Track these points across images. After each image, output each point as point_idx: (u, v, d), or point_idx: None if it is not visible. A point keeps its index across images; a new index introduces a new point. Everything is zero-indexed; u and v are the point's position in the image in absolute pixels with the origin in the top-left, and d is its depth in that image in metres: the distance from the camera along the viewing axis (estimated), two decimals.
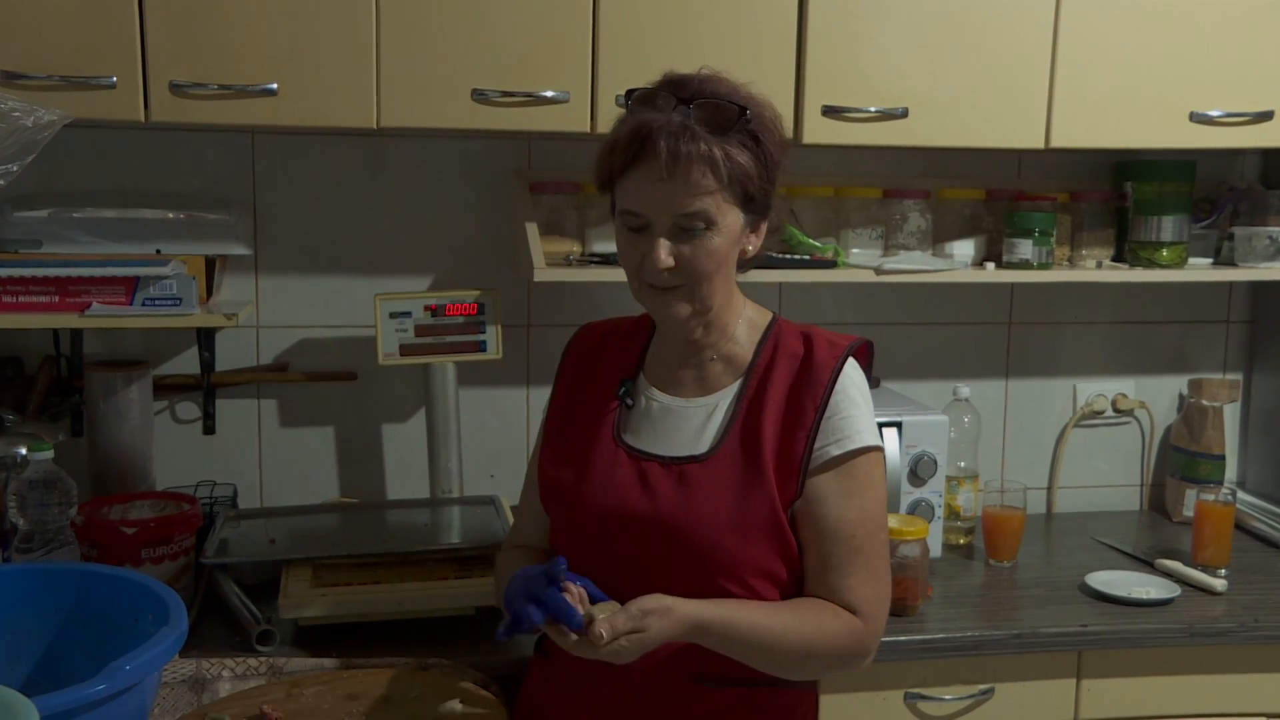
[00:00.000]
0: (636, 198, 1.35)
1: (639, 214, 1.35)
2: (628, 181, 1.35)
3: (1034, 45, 2.04)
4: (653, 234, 1.35)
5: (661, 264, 1.35)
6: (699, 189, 1.32)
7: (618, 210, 1.39)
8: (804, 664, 1.39)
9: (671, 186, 1.32)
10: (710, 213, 1.34)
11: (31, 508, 1.56)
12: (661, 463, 1.42)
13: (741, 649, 1.35)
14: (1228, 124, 2.11)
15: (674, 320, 1.41)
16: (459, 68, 1.86)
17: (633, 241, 1.38)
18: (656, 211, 1.34)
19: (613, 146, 1.36)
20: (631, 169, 1.34)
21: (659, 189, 1.33)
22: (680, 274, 1.36)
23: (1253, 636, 1.93)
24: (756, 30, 1.94)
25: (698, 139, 1.32)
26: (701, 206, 1.33)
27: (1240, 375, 2.60)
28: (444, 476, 2.16)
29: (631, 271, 1.40)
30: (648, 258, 1.36)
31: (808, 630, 1.36)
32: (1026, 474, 2.50)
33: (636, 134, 1.33)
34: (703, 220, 1.34)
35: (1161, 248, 2.29)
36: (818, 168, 2.29)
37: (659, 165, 1.31)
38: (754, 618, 1.34)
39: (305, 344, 2.24)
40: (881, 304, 2.43)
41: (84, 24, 1.76)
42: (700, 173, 1.32)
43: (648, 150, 1.32)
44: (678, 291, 1.38)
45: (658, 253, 1.34)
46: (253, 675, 1.62)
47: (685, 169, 1.31)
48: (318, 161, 2.19)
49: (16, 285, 1.84)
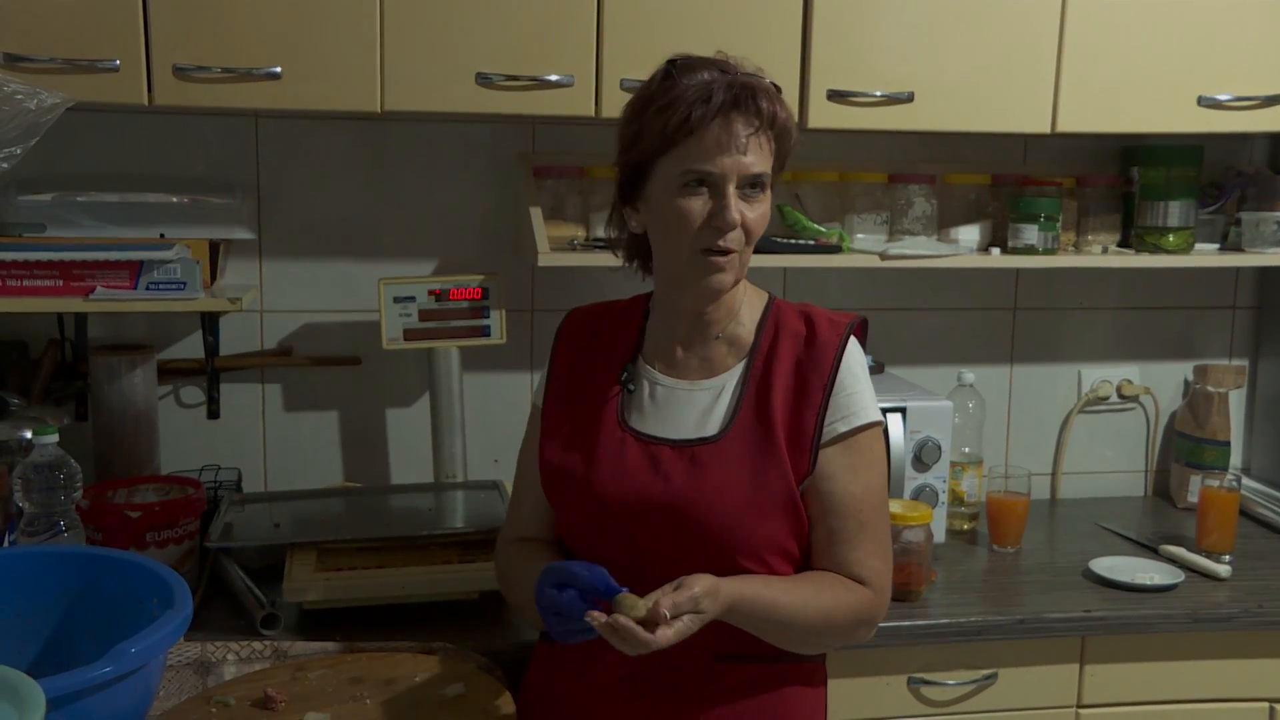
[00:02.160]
0: (715, 154, 1.33)
1: (712, 171, 1.33)
2: (704, 138, 1.32)
3: (1040, 29, 2.03)
4: (720, 192, 1.34)
5: (736, 222, 1.34)
6: (769, 152, 1.36)
7: (677, 172, 1.34)
8: (821, 636, 1.40)
9: (755, 143, 1.34)
10: (768, 176, 1.37)
11: (37, 491, 1.56)
12: (672, 446, 1.42)
13: (766, 625, 1.36)
14: (1236, 108, 2.10)
15: (716, 289, 1.40)
16: (463, 51, 1.86)
17: (694, 203, 1.35)
18: (731, 170, 1.33)
19: (693, 104, 1.31)
20: (713, 125, 1.32)
21: (745, 144, 1.33)
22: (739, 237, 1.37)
23: (1256, 622, 1.93)
24: (762, 13, 1.93)
25: (776, 102, 1.35)
26: (766, 169, 1.36)
27: (1246, 361, 2.59)
28: (448, 461, 2.16)
29: (688, 235, 1.36)
30: (717, 216, 1.34)
31: (825, 603, 1.37)
32: (1031, 460, 2.50)
33: (732, 89, 1.32)
34: (762, 183, 1.37)
35: (1168, 233, 2.28)
36: (823, 152, 2.29)
37: (753, 121, 1.33)
38: (777, 594, 1.35)
39: (309, 328, 2.24)
40: (886, 289, 2.42)
41: (87, 7, 1.75)
42: (772, 138, 1.36)
43: (743, 106, 1.32)
44: (731, 256, 1.37)
45: (731, 211, 1.34)
46: (257, 658, 1.63)
47: (769, 131, 1.35)
48: (322, 145, 2.19)
49: (21, 269, 1.84)
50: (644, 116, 1.36)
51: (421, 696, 1.49)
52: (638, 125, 1.37)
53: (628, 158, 1.40)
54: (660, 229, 1.40)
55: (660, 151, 1.35)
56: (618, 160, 1.43)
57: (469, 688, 1.50)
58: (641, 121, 1.37)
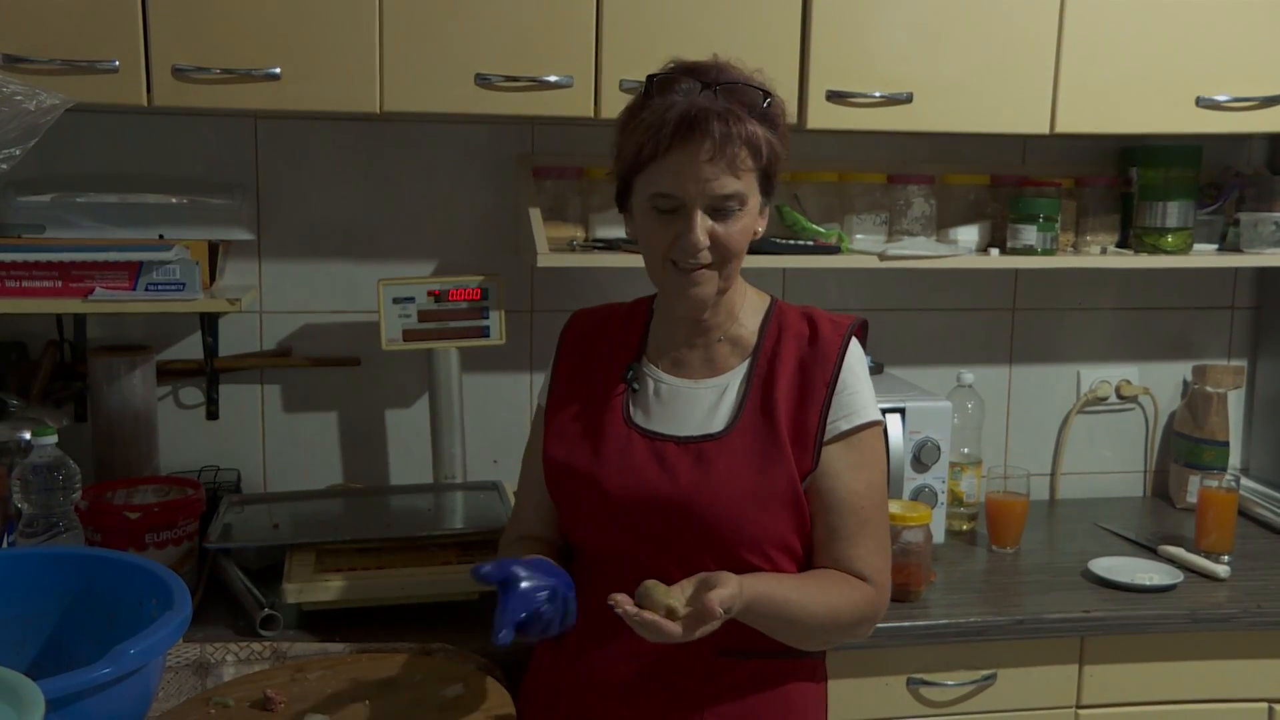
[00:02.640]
0: (676, 179, 1.35)
1: (675, 195, 1.35)
2: (666, 163, 1.35)
3: (1039, 29, 2.03)
4: (686, 215, 1.36)
5: (700, 245, 1.36)
6: (739, 170, 1.35)
7: (647, 194, 1.38)
8: (827, 633, 1.42)
9: (715, 168, 1.34)
10: (744, 193, 1.37)
11: (36, 492, 1.56)
12: (678, 442, 1.43)
13: (777, 622, 1.37)
14: (1234, 109, 2.10)
15: (697, 301, 1.42)
16: (462, 52, 1.86)
17: (664, 223, 1.38)
18: (695, 193, 1.35)
19: (655, 128, 1.34)
20: (672, 151, 1.34)
21: (702, 170, 1.34)
22: (712, 253, 1.38)
23: (1255, 623, 1.94)
24: (761, 14, 1.93)
25: (743, 121, 1.34)
26: (739, 188, 1.36)
27: (1245, 361, 2.59)
28: (447, 462, 2.16)
29: (658, 253, 1.40)
30: (682, 238, 1.36)
31: (833, 599, 1.39)
32: (1030, 460, 2.50)
33: (685, 116, 1.33)
34: (737, 200, 1.37)
35: (1167, 233, 2.28)
36: (822, 153, 2.29)
37: (708, 146, 1.33)
38: (788, 591, 1.36)
39: (308, 329, 2.24)
40: (885, 290, 2.42)
41: (86, 7, 1.75)
42: (744, 154, 1.35)
43: (697, 132, 1.33)
44: (705, 272, 1.39)
45: (695, 234, 1.35)
46: (256, 659, 1.63)
47: (733, 151, 1.34)
48: (321, 146, 2.18)
49: (20, 270, 1.84)
50: (623, 134, 1.40)
51: (421, 697, 1.49)
52: (619, 141, 1.41)
53: (616, 169, 1.43)
54: (641, 240, 1.43)
55: (634, 171, 1.39)
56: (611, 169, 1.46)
57: (468, 689, 1.50)
58: (621, 138, 1.40)
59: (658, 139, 1.34)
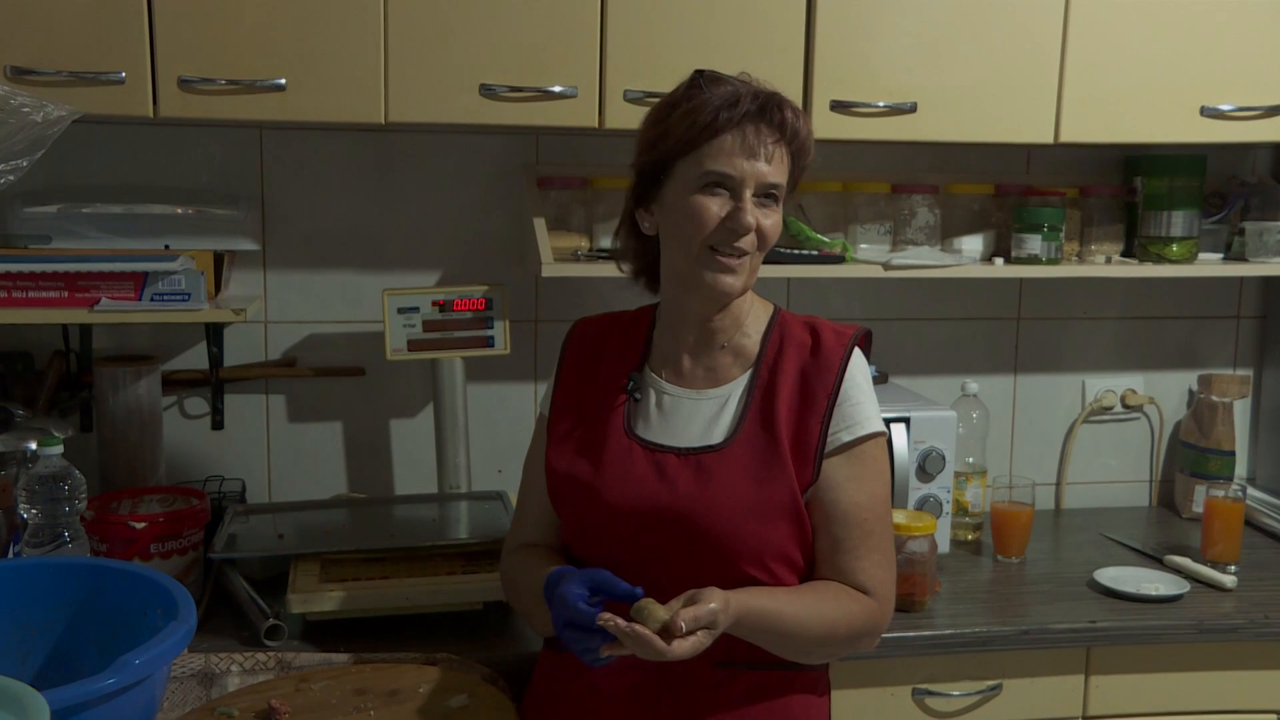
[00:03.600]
0: (732, 160, 1.37)
1: (732, 175, 1.37)
2: (723, 143, 1.37)
3: (1043, 39, 2.03)
4: (738, 196, 1.38)
5: (751, 225, 1.38)
6: (784, 165, 1.40)
7: (696, 173, 1.38)
8: (825, 647, 1.41)
9: (777, 152, 1.38)
10: (782, 189, 1.41)
11: (41, 502, 1.56)
12: (677, 454, 1.43)
13: (770, 636, 1.37)
14: (1239, 118, 2.10)
15: (726, 290, 1.41)
16: (467, 63, 1.86)
17: (710, 206, 1.38)
18: (751, 174, 1.37)
19: (717, 110, 1.36)
20: (732, 130, 1.36)
21: (765, 151, 1.37)
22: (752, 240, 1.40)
23: (1263, 633, 1.93)
24: (765, 24, 1.94)
25: (800, 118, 1.40)
26: (783, 179, 1.40)
27: (1250, 371, 2.59)
28: (452, 471, 2.16)
29: (697, 239, 1.39)
30: (733, 218, 1.37)
31: (830, 613, 1.38)
32: (1035, 470, 2.50)
33: (758, 97, 1.37)
34: (778, 193, 1.40)
35: (1171, 243, 2.28)
36: (826, 163, 2.25)
37: (776, 130, 1.37)
38: (782, 605, 1.36)
39: (313, 339, 2.24)
40: (890, 299, 2.42)
41: (93, 20, 1.76)
42: (793, 152, 1.40)
43: (769, 115, 1.37)
44: (742, 260, 1.40)
45: (748, 214, 1.37)
46: (261, 670, 1.63)
47: (798, 142, 1.40)
48: (326, 157, 2.19)
49: (26, 280, 1.84)
50: (669, 119, 1.40)
51: (426, 708, 1.48)
52: (663, 127, 1.41)
53: (647, 158, 1.43)
54: (673, 227, 1.42)
55: (682, 153, 1.39)
56: (635, 163, 1.46)
57: (473, 699, 1.50)
58: (667, 124, 1.40)
59: (728, 115, 1.36)
